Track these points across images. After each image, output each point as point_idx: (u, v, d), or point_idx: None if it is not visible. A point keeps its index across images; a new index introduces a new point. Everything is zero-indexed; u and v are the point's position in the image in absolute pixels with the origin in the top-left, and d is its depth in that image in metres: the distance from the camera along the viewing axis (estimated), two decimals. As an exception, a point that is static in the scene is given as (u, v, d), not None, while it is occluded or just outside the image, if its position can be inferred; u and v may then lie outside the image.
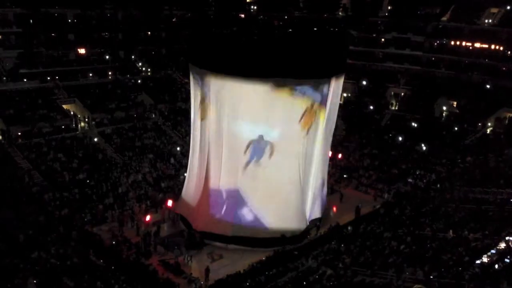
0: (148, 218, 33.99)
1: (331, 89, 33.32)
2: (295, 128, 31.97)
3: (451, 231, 31.72)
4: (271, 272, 28.20)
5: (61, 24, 53.75)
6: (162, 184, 40.03)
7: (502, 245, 29.16)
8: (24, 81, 47.49)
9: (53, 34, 52.92)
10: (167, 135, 48.37)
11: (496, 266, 27.06)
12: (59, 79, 49.13)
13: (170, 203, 35.78)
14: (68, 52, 53.44)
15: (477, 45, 59.79)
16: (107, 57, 55.44)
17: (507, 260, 27.52)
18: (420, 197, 39.03)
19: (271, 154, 32.03)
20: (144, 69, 57.54)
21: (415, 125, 53.14)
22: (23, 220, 30.94)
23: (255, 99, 30.89)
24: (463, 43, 60.77)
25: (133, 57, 57.44)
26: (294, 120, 31.80)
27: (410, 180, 43.01)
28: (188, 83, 38.79)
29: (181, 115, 49.95)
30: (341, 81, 35.47)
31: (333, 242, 31.86)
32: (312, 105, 32.12)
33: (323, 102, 32.83)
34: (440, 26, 62.65)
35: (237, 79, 30.55)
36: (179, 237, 33.42)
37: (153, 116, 50.13)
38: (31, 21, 51.39)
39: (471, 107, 53.22)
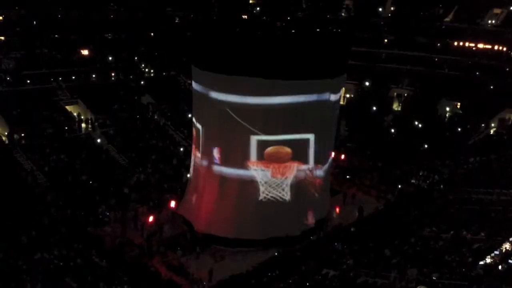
0: (151, 219, 34.01)
1: (333, 90, 33.45)
2: (299, 128, 32.16)
3: (452, 232, 31.64)
4: (274, 273, 28.17)
5: (64, 25, 53.82)
6: (165, 185, 40.02)
7: (506, 246, 29.08)
8: (27, 82, 47.55)
9: (56, 36, 53.01)
10: (170, 136, 48.39)
11: (500, 267, 26.99)
12: (62, 80, 49.19)
13: (173, 204, 35.81)
14: (71, 53, 53.47)
15: (480, 45, 59.71)
16: (110, 58, 55.49)
17: (511, 261, 27.44)
18: (423, 198, 38.95)
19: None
20: (147, 70, 57.58)
21: (419, 126, 53.02)
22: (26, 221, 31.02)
23: (258, 99, 31.00)
24: (466, 44, 60.67)
25: (136, 58, 57.46)
26: (298, 119, 31.91)
27: (413, 181, 42.93)
28: (191, 84, 38.74)
29: (184, 116, 49.95)
30: (343, 82, 35.55)
31: (336, 243, 31.83)
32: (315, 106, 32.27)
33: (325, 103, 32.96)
34: (443, 27, 62.52)
35: (239, 80, 30.64)
36: (182, 238, 33.45)
37: (156, 117, 50.16)
38: (34, 22, 51.47)
39: (474, 108, 53.10)
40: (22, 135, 41.63)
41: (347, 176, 44.62)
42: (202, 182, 35.11)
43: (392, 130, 53.02)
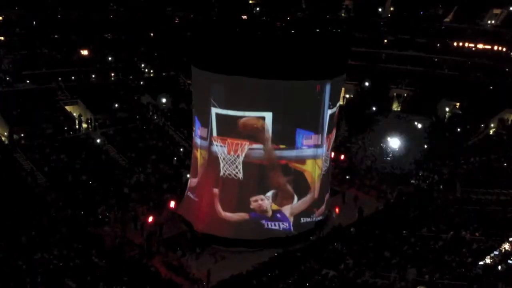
0: (150, 219, 34.01)
1: (332, 90, 33.46)
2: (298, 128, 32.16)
3: (452, 232, 31.66)
4: (274, 273, 28.19)
5: (64, 25, 53.87)
6: (165, 185, 40.02)
7: (505, 246, 29.11)
8: (27, 82, 47.56)
9: (56, 36, 53.05)
10: (170, 136, 48.40)
11: (499, 267, 27.01)
12: (62, 80, 49.21)
13: (172, 204, 35.82)
14: (71, 53, 53.49)
15: (480, 46, 59.77)
16: (110, 58, 55.51)
17: (510, 262, 27.47)
18: (423, 198, 38.97)
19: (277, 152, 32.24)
20: (146, 70, 57.60)
21: (418, 126, 53.01)
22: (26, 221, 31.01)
23: (258, 99, 31.05)
24: (466, 44, 60.73)
25: (136, 58, 57.49)
26: (297, 119, 31.88)
27: (413, 181, 42.94)
28: (191, 84, 38.84)
29: (183, 116, 49.95)
30: (342, 81, 35.55)
31: (335, 244, 31.84)
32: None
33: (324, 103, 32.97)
34: (443, 27, 62.59)
35: (239, 79, 30.68)
36: (182, 238, 33.46)
37: (156, 117, 50.18)
38: (34, 22, 51.53)
39: (474, 108, 53.12)
40: (22, 135, 41.62)
41: (347, 176, 44.63)
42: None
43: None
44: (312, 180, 34.39)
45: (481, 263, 27.46)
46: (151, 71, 57.45)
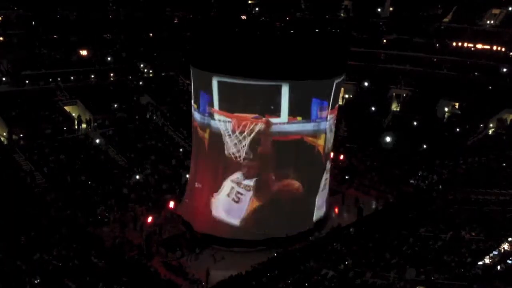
0: (150, 219, 34.02)
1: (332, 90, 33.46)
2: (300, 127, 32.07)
3: (451, 232, 31.67)
4: (274, 274, 28.19)
5: (64, 25, 53.87)
6: (164, 186, 40.02)
7: (505, 246, 29.12)
8: (26, 82, 47.54)
9: (55, 36, 53.05)
10: (169, 137, 48.39)
11: (498, 267, 27.02)
12: (61, 80, 49.20)
13: (171, 204, 35.82)
14: (70, 53, 53.48)
15: (479, 46, 59.76)
16: (109, 58, 55.50)
17: (509, 262, 27.48)
18: (422, 198, 38.98)
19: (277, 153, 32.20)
20: (146, 70, 57.58)
21: (417, 126, 53.01)
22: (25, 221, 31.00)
23: (257, 99, 31.04)
24: (465, 44, 60.73)
25: (135, 58, 57.47)
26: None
27: (412, 181, 42.96)
28: (190, 84, 38.80)
29: (183, 117, 49.94)
30: (341, 82, 35.56)
31: (335, 244, 31.84)
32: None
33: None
34: (442, 27, 62.62)
35: (239, 80, 30.67)
36: (181, 238, 33.46)
37: (155, 117, 50.17)
38: (33, 23, 51.53)
39: (473, 108, 53.12)
40: (21, 135, 41.62)
41: (346, 177, 44.64)
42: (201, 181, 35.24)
43: (391, 130, 52.98)
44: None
45: (480, 263, 27.47)
46: (151, 71, 57.43)
